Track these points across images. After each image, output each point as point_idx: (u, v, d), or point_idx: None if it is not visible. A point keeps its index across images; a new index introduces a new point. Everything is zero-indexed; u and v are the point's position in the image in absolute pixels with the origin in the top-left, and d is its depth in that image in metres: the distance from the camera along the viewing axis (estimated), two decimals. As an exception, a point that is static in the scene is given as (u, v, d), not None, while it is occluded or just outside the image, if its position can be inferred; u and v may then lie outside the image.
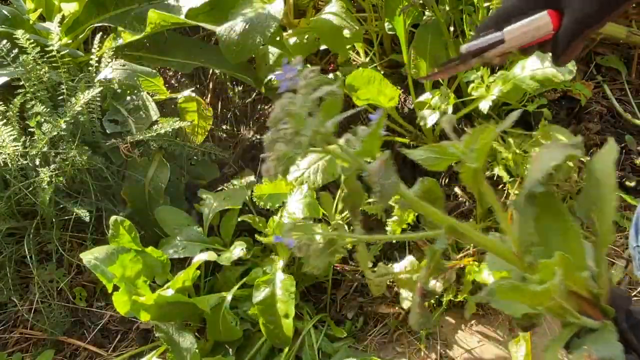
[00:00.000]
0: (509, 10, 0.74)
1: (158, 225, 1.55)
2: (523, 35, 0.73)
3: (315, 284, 1.56)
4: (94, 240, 1.63)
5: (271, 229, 1.44)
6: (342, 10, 1.57)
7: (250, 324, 1.43)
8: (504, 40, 0.73)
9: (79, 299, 1.62)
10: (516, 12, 0.73)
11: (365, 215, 1.62)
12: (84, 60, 1.67)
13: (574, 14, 0.70)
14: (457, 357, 1.42)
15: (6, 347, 1.59)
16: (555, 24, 0.72)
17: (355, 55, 1.88)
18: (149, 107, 1.58)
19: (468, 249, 1.52)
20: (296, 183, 1.53)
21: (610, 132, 1.67)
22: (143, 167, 1.59)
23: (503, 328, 1.46)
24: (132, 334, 1.59)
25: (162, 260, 1.37)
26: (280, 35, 1.59)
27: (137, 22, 1.67)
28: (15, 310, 1.59)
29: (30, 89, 1.50)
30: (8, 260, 1.55)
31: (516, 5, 0.74)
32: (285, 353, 1.35)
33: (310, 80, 0.59)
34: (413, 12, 1.57)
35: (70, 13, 1.68)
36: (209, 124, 1.72)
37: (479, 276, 1.39)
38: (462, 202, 1.61)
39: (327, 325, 1.47)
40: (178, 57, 1.75)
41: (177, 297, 1.28)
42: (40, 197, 1.45)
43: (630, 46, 1.77)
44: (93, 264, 1.24)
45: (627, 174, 1.59)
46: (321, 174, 1.56)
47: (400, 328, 1.49)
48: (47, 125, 1.46)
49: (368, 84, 1.49)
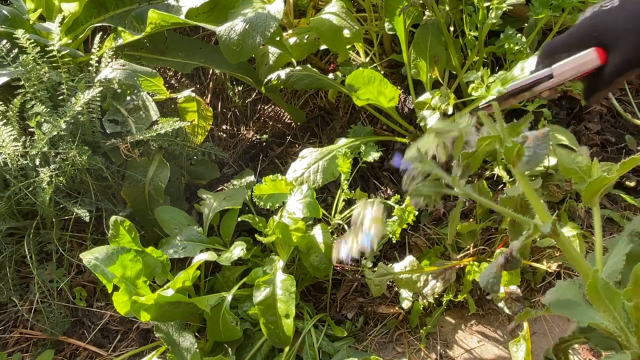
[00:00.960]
0: (555, 48, 0.81)
1: (158, 225, 1.55)
2: (571, 70, 0.78)
3: (315, 284, 1.56)
4: (94, 240, 1.63)
5: (271, 229, 1.44)
6: (342, 10, 1.57)
7: (250, 324, 1.43)
8: (552, 75, 0.79)
9: (79, 299, 1.62)
10: (562, 50, 0.79)
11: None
12: (84, 60, 1.67)
13: (623, 54, 0.74)
14: (457, 357, 1.42)
15: (6, 347, 1.59)
16: (601, 60, 0.77)
17: (355, 55, 1.88)
18: (149, 107, 1.58)
19: (468, 249, 1.52)
20: (296, 183, 1.53)
21: (610, 132, 1.67)
22: (143, 167, 1.59)
23: (503, 328, 1.46)
24: (132, 334, 1.59)
25: (162, 260, 1.37)
26: (280, 35, 1.59)
27: (137, 22, 1.68)
28: (15, 310, 1.59)
29: (30, 89, 1.49)
30: (8, 260, 1.55)
31: (564, 42, 0.80)
32: (286, 353, 1.35)
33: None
34: (413, 12, 1.57)
35: (70, 13, 1.68)
36: (209, 124, 1.72)
37: (479, 276, 1.39)
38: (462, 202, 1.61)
39: (328, 325, 1.47)
40: (178, 57, 1.75)
41: (177, 297, 1.28)
42: (40, 197, 1.45)
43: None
44: (93, 264, 1.24)
45: (627, 174, 1.59)
46: (321, 174, 1.56)
47: (400, 328, 1.49)
48: (47, 125, 1.46)
49: (368, 84, 1.49)
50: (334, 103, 1.92)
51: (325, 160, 1.58)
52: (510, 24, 1.52)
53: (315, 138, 1.89)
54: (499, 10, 1.41)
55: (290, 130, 1.93)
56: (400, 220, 1.40)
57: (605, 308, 0.69)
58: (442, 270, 1.44)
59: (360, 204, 0.79)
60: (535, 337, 1.39)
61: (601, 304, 0.69)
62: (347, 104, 1.90)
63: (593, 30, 0.77)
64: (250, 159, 1.88)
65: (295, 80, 1.67)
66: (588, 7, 0.79)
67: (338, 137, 1.68)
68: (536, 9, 1.39)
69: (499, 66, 1.66)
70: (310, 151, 1.61)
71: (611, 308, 0.68)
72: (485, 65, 1.57)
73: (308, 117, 1.93)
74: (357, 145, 1.61)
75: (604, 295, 0.68)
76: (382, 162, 1.72)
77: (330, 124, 1.88)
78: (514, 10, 1.64)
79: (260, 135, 1.94)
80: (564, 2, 1.37)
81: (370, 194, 1.63)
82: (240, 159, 1.89)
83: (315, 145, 1.85)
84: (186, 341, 1.33)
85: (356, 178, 1.67)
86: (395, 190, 1.68)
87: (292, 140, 1.90)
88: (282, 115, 1.98)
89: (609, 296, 0.68)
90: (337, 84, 1.66)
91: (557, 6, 1.38)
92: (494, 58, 1.67)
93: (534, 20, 1.47)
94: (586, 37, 0.77)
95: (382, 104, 1.57)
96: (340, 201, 1.53)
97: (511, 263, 0.71)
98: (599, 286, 0.68)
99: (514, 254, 0.71)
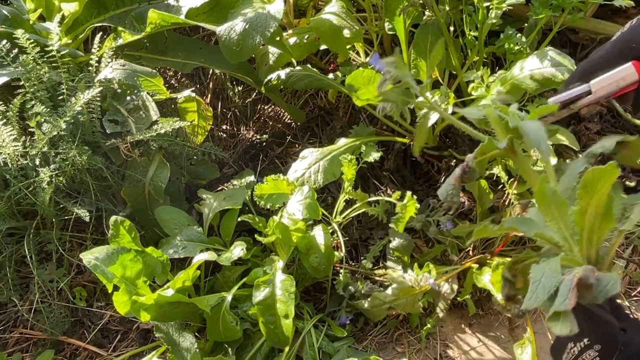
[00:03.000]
0: (594, 64, 0.81)
1: (158, 225, 1.55)
2: (609, 86, 0.78)
3: (315, 284, 1.56)
4: (94, 240, 1.63)
5: (271, 229, 1.44)
6: (342, 10, 1.57)
7: (250, 324, 1.43)
8: (590, 91, 0.79)
9: (79, 299, 1.62)
10: (601, 66, 0.79)
11: (366, 215, 1.63)
12: (84, 60, 1.67)
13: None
14: (457, 357, 1.42)
15: (6, 347, 1.59)
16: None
17: (355, 55, 1.88)
18: (149, 107, 1.58)
19: (467, 250, 1.52)
20: (297, 183, 1.52)
21: (610, 132, 1.67)
22: (143, 167, 1.59)
23: (503, 328, 1.46)
24: (132, 334, 1.59)
25: (162, 260, 1.37)
26: (280, 35, 1.59)
27: (137, 22, 1.67)
28: (15, 310, 1.59)
29: (30, 89, 1.49)
30: (8, 260, 1.55)
31: (603, 58, 0.80)
32: (286, 353, 1.35)
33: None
34: (413, 12, 1.57)
35: (70, 13, 1.68)
36: (209, 124, 1.72)
37: (480, 280, 1.40)
38: (462, 202, 1.61)
39: (327, 325, 1.47)
40: (178, 57, 1.75)
41: (177, 297, 1.28)
42: (40, 197, 1.45)
43: (630, 46, 1.77)
44: (93, 264, 1.24)
45: (627, 174, 1.59)
46: (322, 174, 1.56)
47: (400, 328, 1.49)
48: (47, 125, 1.46)
49: (368, 84, 1.49)
50: (334, 103, 1.92)
51: (325, 160, 1.58)
52: (510, 24, 1.52)
53: (315, 138, 1.89)
54: (499, 10, 1.41)
55: (290, 130, 1.93)
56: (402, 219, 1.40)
57: (552, 217, 0.69)
58: (445, 280, 1.43)
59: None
60: (536, 337, 1.39)
61: (548, 212, 0.69)
62: (347, 104, 1.89)
63: (630, 44, 0.77)
64: (250, 159, 1.88)
65: (295, 80, 1.67)
66: (627, 23, 0.80)
67: (338, 137, 1.68)
68: (536, 9, 1.39)
69: (499, 66, 1.66)
70: (310, 151, 1.61)
71: (557, 217, 0.69)
72: (485, 65, 1.57)
73: (308, 117, 1.93)
74: (358, 145, 1.61)
75: (551, 201, 0.68)
76: (382, 162, 1.72)
77: (330, 124, 1.88)
78: (514, 10, 1.64)
79: (260, 135, 1.94)
80: (564, 2, 1.37)
81: (371, 194, 1.63)
82: (240, 159, 1.89)
83: (315, 145, 1.85)
84: (186, 341, 1.33)
85: (356, 178, 1.67)
86: (395, 191, 1.68)
87: (292, 140, 1.90)
88: (282, 115, 1.98)
89: (556, 203, 0.68)
90: (337, 84, 1.66)
91: (557, 6, 1.38)
92: (494, 58, 1.67)
93: (534, 20, 1.47)
94: (624, 51, 0.78)
95: (382, 104, 1.56)
96: (341, 202, 1.53)
97: (468, 174, 0.73)
98: (546, 193, 0.68)
99: (471, 164, 0.73)
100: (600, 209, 0.66)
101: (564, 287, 0.61)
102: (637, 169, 1.62)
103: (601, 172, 0.64)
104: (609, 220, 0.67)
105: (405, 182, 1.72)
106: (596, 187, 0.65)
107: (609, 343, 0.65)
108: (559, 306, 0.59)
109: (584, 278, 0.60)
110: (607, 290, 0.60)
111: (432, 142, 1.69)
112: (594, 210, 0.66)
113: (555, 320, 0.60)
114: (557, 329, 0.59)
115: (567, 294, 0.60)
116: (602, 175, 0.64)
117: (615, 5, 1.35)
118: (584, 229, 0.68)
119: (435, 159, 1.72)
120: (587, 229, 0.68)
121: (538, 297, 0.62)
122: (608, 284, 0.60)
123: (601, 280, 0.60)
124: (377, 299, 1.41)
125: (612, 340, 0.65)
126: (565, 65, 1.28)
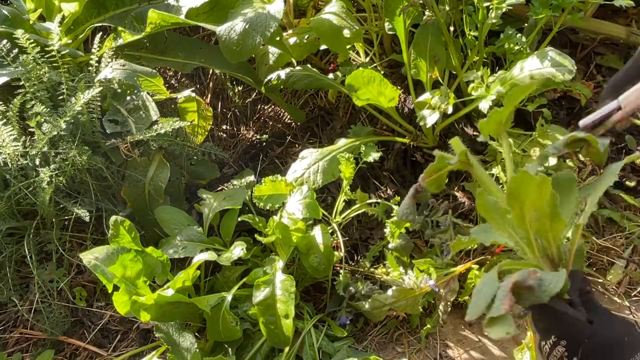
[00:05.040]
0: (620, 81, 0.84)
1: (158, 225, 1.55)
2: (636, 100, 0.80)
3: (315, 284, 1.56)
4: (94, 240, 1.63)
5: (271, 229, 1.44)
6: (342, 10, 1.57)
7: (250, 324, 1.43)
8: (620, 107, 0.82)
9: (79, 299, 1.62)
10: (627, 81, 0.82)
11: (366, 215, 1.63)
12: (84, 60, 1.67)
13: None
14: (457, 357, 1.42)
15: (6, 347, 1.59)
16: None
17: (355, 55, 1.88)
18: (149, 107, 1.58)
19: (468, 251, 1.52)
20: (296, 184, 1.52)
21: (610, 132, 1.67)
22: (143, 167, 1.59)
23: (503, 328, 1.46)
24: (132, 334, 1.59)
25: (162, 260, 1.37)
26: (280, 35, 1.59)
27: (137, 22, 1.67)
28: (15, 310, 1.60)
29: (30, 89, 1.49)
30: (8, 260, 1.55)
31: (627, 74, 0.83)
32: (286, 353, 1.35)
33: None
34: (413, 12, 1.57)
35: (70, 13, 1.68)
36: (209, 124, 1.72)
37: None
38: (462, 202, 1.61)
39: (327, 325, 1.47)
40: (178, 57, 1.75)
41: (177, 297, 1.28)
42: (40, 197, 1.45)
43: (630, 46, 1.77)
44: (93, 264, 1.24)
45: (627, 174, 1.59)
46: (321, 175, 1.56)
47: (400, 328, 1.49)
48: (47, 125, 1.46)
49: (368, 84, 1.49)
50: (334, 103, 1.92)
51: (325, 160, 1.58)
52: (510, 24, 1.52)
53: (315, 138, 1.89)
54: (499, 10, 1.41)
55: (290, 130, 1.93)
56: (399, 222, 1.40)
57: (500, 226, 0.71)
58: (446, 282, 1.43)
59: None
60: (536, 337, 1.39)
61: (494, 222, 0.72)
62: (347, 104, 1.89)
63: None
64: (250, 159, 1.88)
65: (295, 80, 1.67)
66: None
67: (338, 137, 1.68)
68: (536, 9, 1.39)
69: (499, 66, 1.65)
70: (310, 152, 1.61)
71: (503, 224, 0.70)
72: (485, 65, 1.57)
73: (308, 117, 1.93)
74: (357, 145, 1.61)
75: (492, 211, 0.70)
76: (382, 162, 1.72)
77: (330, 124, 1.88)
78: (514, 10, 1.64)
79: (260, 135, 1.94)
80: (564, 2, 1.37)
81: (371, 194, 1.63)
82: (240, 159, 1.89)
83: (315, 145, 1.85)
84: (186, 341, 1.33)
85: (356, 178, 1.67)
86: (395, 191, 1.68)
87: (292, 140, 1.90)
88: (282, 115, 1.98)
89: (497, 212, 0.70)
90: (337, 84, 1.66)
91: (557, 6, 1.38)
92: (494, 58, 1.66)
93: (534, 20, 1.47)
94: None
95: (382, 104, 1.57)
96: (340, 202, 1.53)
97: (420, 194, 0.78)
98: (487, 204, 0.70)
99: (422, 185, 0.77)
100: (543, 210, 0.67)
101: (500, 293, 0.63)
102: (637, 168, 1.62)
103: (521, 179, 0.65)
104: (557, 220, 0.68)
105: (405, 182, 1.72)
106: (522, 194, 0.66)
107: (574, 338, 0.68)
108: (494, 312, 0.61)
109: (521, 281, 0.62)
110: (550, 289, 0.61)
111: (432, 142, 1.69)
112: (535, 214, 0.67)
113: (493, 325, 0.61)
114: (492, 334, 0.61)
115: (503, 299, 0.61)
116: (523, 181, 0.65)
117: (615, 5, 1.35)
118: (529, 232, 0.70)
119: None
120: (534, 232, 0.70)
121: (479, 306, 0.64)
122: (551, 283, 0.61)
123: (544, 280, 0.62)
124: (377, 300, 1.41)
125: (576, 334, 0.68)
126: (565, 65, 1.28)
